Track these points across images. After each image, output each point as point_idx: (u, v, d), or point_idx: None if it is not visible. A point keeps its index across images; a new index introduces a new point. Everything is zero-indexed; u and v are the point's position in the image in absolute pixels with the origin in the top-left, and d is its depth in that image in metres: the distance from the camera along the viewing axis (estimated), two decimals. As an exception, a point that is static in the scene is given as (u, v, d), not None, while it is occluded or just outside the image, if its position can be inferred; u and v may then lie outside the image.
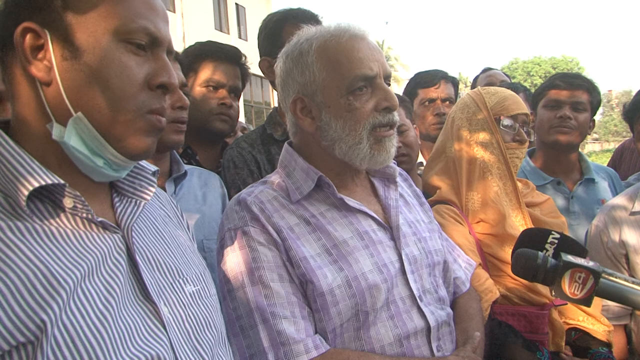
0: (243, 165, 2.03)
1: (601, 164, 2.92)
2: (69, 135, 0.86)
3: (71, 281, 0.81)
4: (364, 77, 1.32)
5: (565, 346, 1.80)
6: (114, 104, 0.88)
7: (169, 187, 1.76)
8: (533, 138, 1.98)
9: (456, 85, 3.00)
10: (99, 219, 0.90)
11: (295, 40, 1.40)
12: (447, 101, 2.85)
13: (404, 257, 1.38)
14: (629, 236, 2.00)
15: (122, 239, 0.94)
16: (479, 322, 1.52)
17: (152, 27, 0.91)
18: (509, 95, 1.92)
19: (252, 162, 2.04)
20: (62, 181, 0.86)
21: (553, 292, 1.10)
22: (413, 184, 1.69)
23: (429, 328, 1.35)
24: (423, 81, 2.88)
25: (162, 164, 1.73)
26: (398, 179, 1.52)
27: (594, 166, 2.53)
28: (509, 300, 1.79)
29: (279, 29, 2.09)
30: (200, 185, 1.91)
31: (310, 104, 1.36)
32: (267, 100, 25.58)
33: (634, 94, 2.36)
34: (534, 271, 1.12)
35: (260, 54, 2.20)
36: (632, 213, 2.02)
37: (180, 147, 1.98)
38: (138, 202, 1.01)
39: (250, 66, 2.35)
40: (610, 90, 60.92)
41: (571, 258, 1.09)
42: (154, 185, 1.04)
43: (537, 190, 2.06)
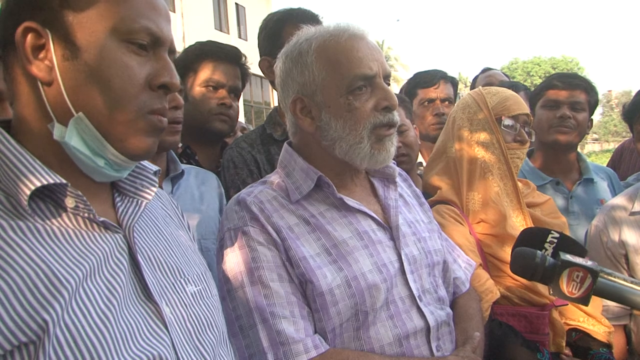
0: (243, 165, 2.03)
1: (601, 164, 2.92)
2: (70, 136, 0.86)
3: (73, 281, 0.80)
4: (364, 76, 1.32)
5: (566, 347, 1.79)
6: (115, 104, 0.87)
7: (166, 187, 1.75)
8: (534, 138, 1.98)
9: (455, 85, 3.00)
10: (101, 219, 0.90)
11: (294, 40, 1.40)
12: (447, 101, 2.85)
13: (403, 257, 1.38)
14: (629, 236, 2.00)
15: (123, 239, 0.94)
16: (479, 322, 1.52)
17: (154, 26, 0.91)
18: (510, 95, 1.92)
19: (252, 162, 2.04)
20: (64, 181, 0.85)
21: (551, 291, 1.10)
22: (413, 184, 1.68)
23: (428, 328, 1.35)
24: (422, 81, 2.88)
25: (159, 164, 1.73)
26: (397, 179, 1.52)
27: (592, 166, 2.53)
28: (509, 300, 1.79)
29: (279, 28, 2.09)
30: (198, 185, 1.90)
31: (310, 104, 1.36)
32: (267, 100, 25.58)
33: (633, 94, 2.37)
34: (532, 270, 1.13)
35: (260, 53, 2.20)
36: (632, 213, 2.02)
37: (176, 147, 1.98)
38: (139, 202, 1.01)
39: (250, 66, 2.35)
40: (610, 91, 60.97)
41: (569, 257, 1.09)
42: (156, 185, 1.04)
43: (537, 191, 2.06)
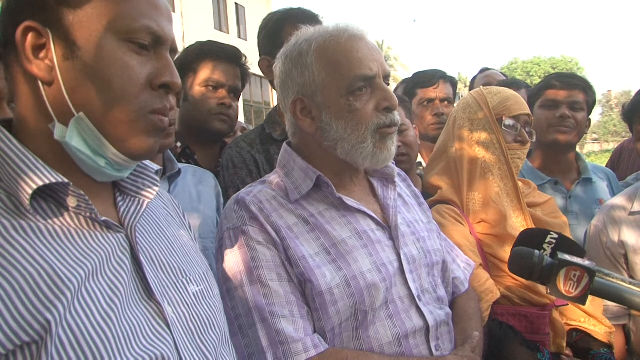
0: (242, 165, 2.03)
1: (600, 164, 2.92)
2: (71, 136, 0.86)
3: (75, 281, 0.80)
4: (364, 77, 1.32)
5: (566, 347, 1.79)
6: (116, 104, 0.87)
7: (163, 186, 1.75)
8: (535, 139, 1.98)
9: (455, 85, 3.00)
10: (103, 219, 0.89)
11: (294, 41, 1.40)
12: (446, 101, 2.84)
13: (402, 257, 1.38)
14: (628, 236, 2.00)
15: (125, 239, 0.93)
16: (478, 322, 1.52)
17: (155, 26, 0.90)
18: (511, 95, 1.92)
19: (251, 161, 2.04)
20: (66, 180, 0.85)
21: (549, 290, 1.11)
22: (412, 184, 1.69)
23: (427, 327, 1.35)
24: (422, 81, 2.87)
25: (156, 163, 1.73)
26: (397, 179, 1.52)
27: (591, 166, 2.54)
28: (509, 300, 1.79)
29: (279, 28, 2.09)
30: (195, 184, 1.90)
31: (310, 105, 1.36)
32: (266, 100, 25.58)
33: (633, 94, 2.37)
34: (530, 269, 1.13)
35: (260, 53, 2.20)
36: (632, 213, 2.02)
37: (172, 148, 1.98)
38: (141, 201, 1.00)
39: (250, 66, 2.35)
40: (609, 91, 60.94)
41: (567, 256, 1.09)
42: (158, 185, 1.03)
43: (538, 191, 2.05)
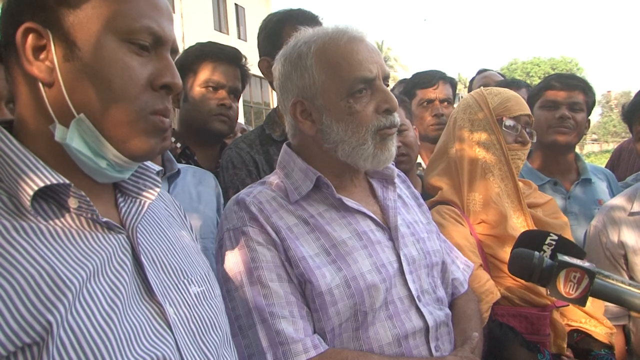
0: (241, 166, 2.03)
1: (600, 164, 2.92)
2: (72, 137, 0.85)
3: (77, 282, 0.80)
4: (364, 79, 1.32)
5: (567, 348, 1.79)
6: (117, 105, 0.86)
7: (163, 186, 1.74)
8: (535, 139, 1.98)
9: (454, 86, 3.00)
10: (104, 219, 0.89)
11: (293, 42, 1.40)
12: (446, 102, 2.84)
13: (402, 258, 1.38)
14: (628, 237, 2.00)
15: (126, 240, 0.93)
16: (477, 323, 1.53)
17: (156, 26, 0.90)
18: (511, 96, 1.91)
19: (251, 162, 2.04)
20: (67, 181, 0.85)
21: (548, 292, 1.11)
22: (411, 185, 1.69)
23: (427, 328, 1.35)
24: (421, 82, 2.87)
25: (154, 164, 1.73)
26: (396, 180, 1.52)
27: (591, 167, 2.54)
28: (510, 301, 1.78)
29: (279, 29, 2.09)
30: (195, 184, 1.90)
31: (310, 107, 1.36)
32: (266, 101, 25.58)
33: (633, 94, 2.37)
34: (530, 270, 1.13)
35: (259, 54, 2.20)
36: (631, 214, 2.02)
37: (169, 150, 1.97)
38: (142, 202, 1.00)
39: (249, 67, 2.35)
40: (609, 91, 61.03)
41: (567, 258, 1.10)
42: (159, 186, 1.03)
43: (539, 191, 2.05)
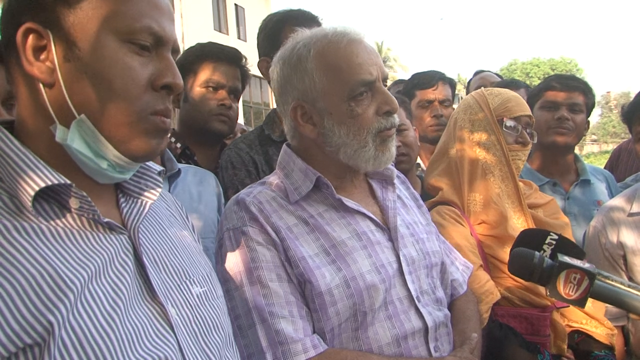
0: (241, 166, 2.03)
1: (599, 165, 2.92)
2: (72, 138, 0.85)
3: (78, 282, 0.79)
4: (365, 82, 1.32)
5: (567, 349, 1.79)
6: (117, 106, 0.86)
7: (164, 186, 1.75)
8: (536, 140, 1.98)
9: (454, 87, 3.00)
10: (105, 220, 0.89)
11: (291, 45, 1.39)
12: (445, 103, 2.84)
13: (401, 258, 1.39)
14: (627, 237, 2.00)
15: (128, 240, 0.92)
16: (476, 324, 1.53)
17: (157, 26, 0.90)
18: (512, 96, 1.91)
19: (250, 163, 2.04)
20: (68, 181, 0.84)
21: (548, 292, 1.11)
22: (410, 186, 1.69)
23: (426, 329, 1.35)
24: (420, 82, 2.87)
25: (155, 163, 1.73)
26: (396, 181, 1.53)
27: (590, 168, 2.54)
28: (510, 302, 1.79)
29: (279, 29, 2.09)
30: (196, 184, 1.90)
31: (311, 111, 1.35)
32: (266, 101, 25.56)
33: (632, 95, 2.38)
34: (530, 270, 1.13)
35: (259, 54, 2.20)
36: (630, 214, 2.02)
37: (164, 150, 1.97)
38: (144, 202, 1.00)
39: (249, 67, 2.35)
40: (608, 92, 61.02)
41: (567, 259, 1.10)
42: (161, 186, 1.03)
43: (539, 192, 2.05)
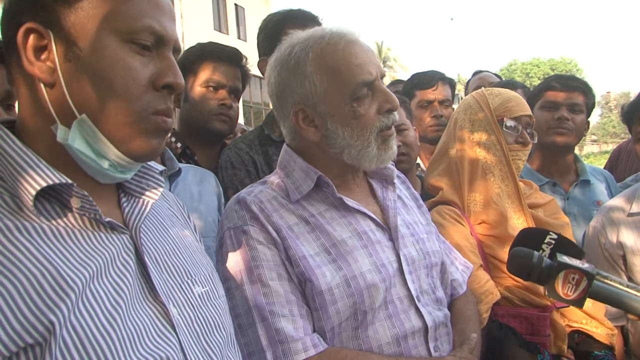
0: (240, 166, 2.04)
1: (599, 165, 2.92)
2: (73, 138, 0.85)
3: (80, 282, 0.79)
4: (366, 82, 1.33)
5: (568, 350, 1.79)
6: (118, 106, 0.86)
7: (164, 186, 1.75)
8: (536, 140, 1.98)
9: (453, 87, 3.00)
10: (107, 219, 0.89)
11: (286, 49, 1.38)
12: (445, 103, 2.84)
13: (402, 258, 1.39)
14: (627, 237, 2.00)
15: (130, 240, 0.92)
16: (476, 324, 1.53)
17: (158, 25, 0.89)
18: (512, 96, 1.91)
19: (250, 162, 2.04)
20: (69, 180, 0.84)
21: (546, 292, 1.11)
22: (411, 186, 1.69)
23: (426, 328, 1.36)
24: (420, 83, 2.87)
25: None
26: (396, 180, 1.53)
27: (590, 168, 2.55)
28: (510, 302, 1.79)
29: (279, 29, 2.09)
30: (196, 183, 1.90)
31: (312, 114, 1.35)
32: (266, 101, 25.53)
33: (632, 95, 2.40)
34: (529, 270, 1.13)
35: (259, 54, 2.20)
36: (630, 214, 2.02)
37: (166, 150, 1.97)
38: (145, 202, 0.99)
39: (249, 67, 2.35)
40: (608, 92, 60.98)
41: (566, 259, 1.10)
42: (162, 186, 1.03)
43: (540, 192, 2.05)
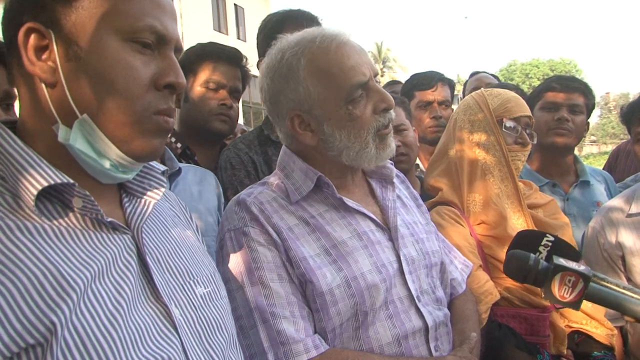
0: (240, 167, 2.04)
1: (599, 166, 2.93)
2: (75, 138, 0.85)
3: (81, 282, 0.79)
4: (360, 84, 1.32)
5: (567, 350, 1.79)
6: (120, 106, 0.86)
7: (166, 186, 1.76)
8: (536, 140, 1.98)
9: (453, 88, 2.99)
10: (109, 220, 0.88)
11: (277, 54, 1.37)
12: (444, 104, 2.84)
13: (402, 258, 1.39)
14: (626, 238, 2.00)
15: (132, 240, 0.92)
16: (475, 324, 1.53)
17: (159, 25, 0.89)
18: (512, 97, 1.92)
19: (249, 163, 2.05)
20: (71, 180, 0.84)
21: (543, 295, 1.11)
22: (410, 186, 1.69)
23: (427, 328, 1.36)
24: (420, 83, 2.86)
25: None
26: (395, 180, 1.53)
27: (589, 169, 2.55)
28: (509, 302, 1.79)
29: (279, 29, 2.09)
30: (196, 183, 1.90)
31: (308, 119, 1.35)
32: (265, 101, 25.48)
33: (631, 96, 2.41)
34: (525, 272, 1.13)
35: (259, 54, 2.21)
36: (629, 215, 2.02)
37: (167, 150, 1.97)
38: (147, 202, 0.99)
39: (249, 67, 2.35)
40: (608, 93, 61.01)
41: (562, 261, 1.10)
42: (164, 186, 1.02)
43: (540, 192, 2.05)
